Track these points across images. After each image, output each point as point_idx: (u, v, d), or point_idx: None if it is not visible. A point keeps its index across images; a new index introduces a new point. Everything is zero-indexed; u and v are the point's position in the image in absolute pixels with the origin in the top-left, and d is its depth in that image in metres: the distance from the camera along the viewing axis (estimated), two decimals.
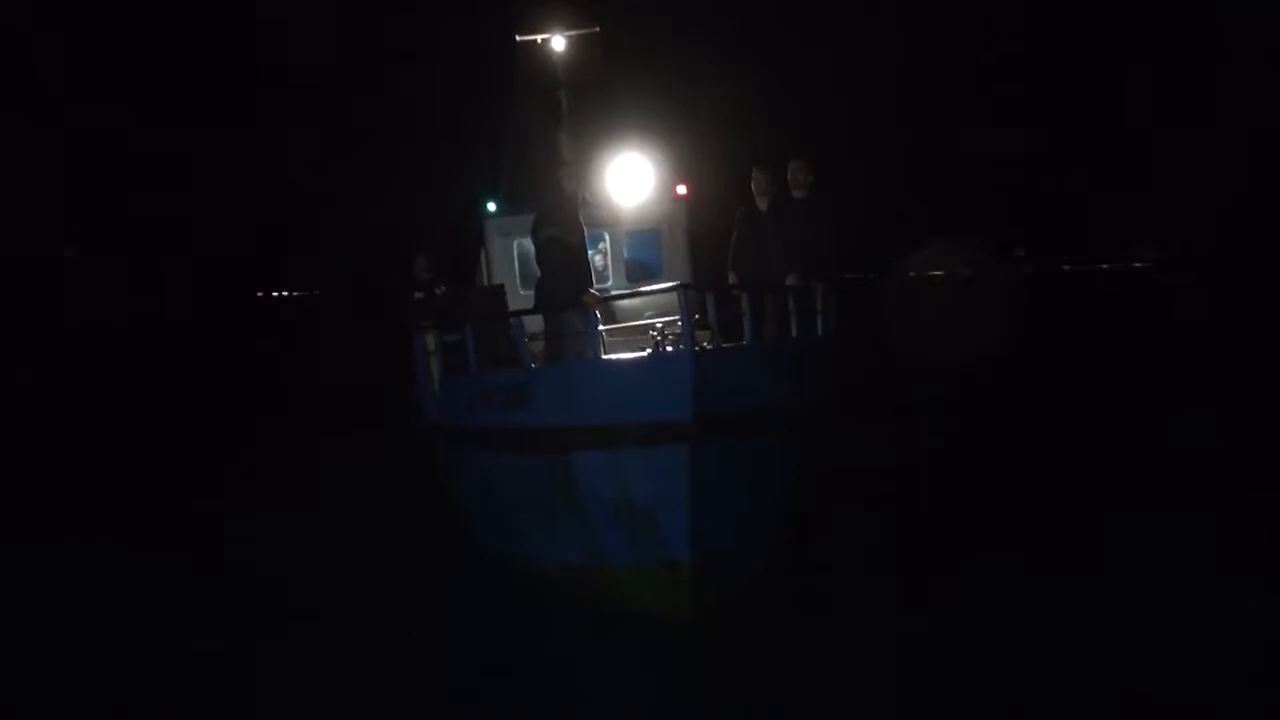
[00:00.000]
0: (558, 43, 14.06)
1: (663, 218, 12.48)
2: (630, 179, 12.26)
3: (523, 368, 7.32)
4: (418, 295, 11.79)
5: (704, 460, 6.72)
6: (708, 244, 13.11)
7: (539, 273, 8.02)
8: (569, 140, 13.54)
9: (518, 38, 14.38)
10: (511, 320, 7.42)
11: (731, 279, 8.40)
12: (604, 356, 6.98)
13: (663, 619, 7.29)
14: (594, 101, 14.73)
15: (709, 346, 7.02)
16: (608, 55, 15.63)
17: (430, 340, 8.79)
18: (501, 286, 8.89)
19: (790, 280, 7.69)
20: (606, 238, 12.53)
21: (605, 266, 12.63)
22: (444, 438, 8.97)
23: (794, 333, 7.58)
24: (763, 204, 8.50)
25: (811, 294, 7.64)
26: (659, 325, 7.21)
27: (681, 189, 12.51)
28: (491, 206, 12.34)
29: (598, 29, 14.25)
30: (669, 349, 6.98)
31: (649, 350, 7.04)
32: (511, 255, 12.37)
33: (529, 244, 12.55)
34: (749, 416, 6.84)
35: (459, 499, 9.24)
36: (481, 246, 13.31)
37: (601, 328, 9.41)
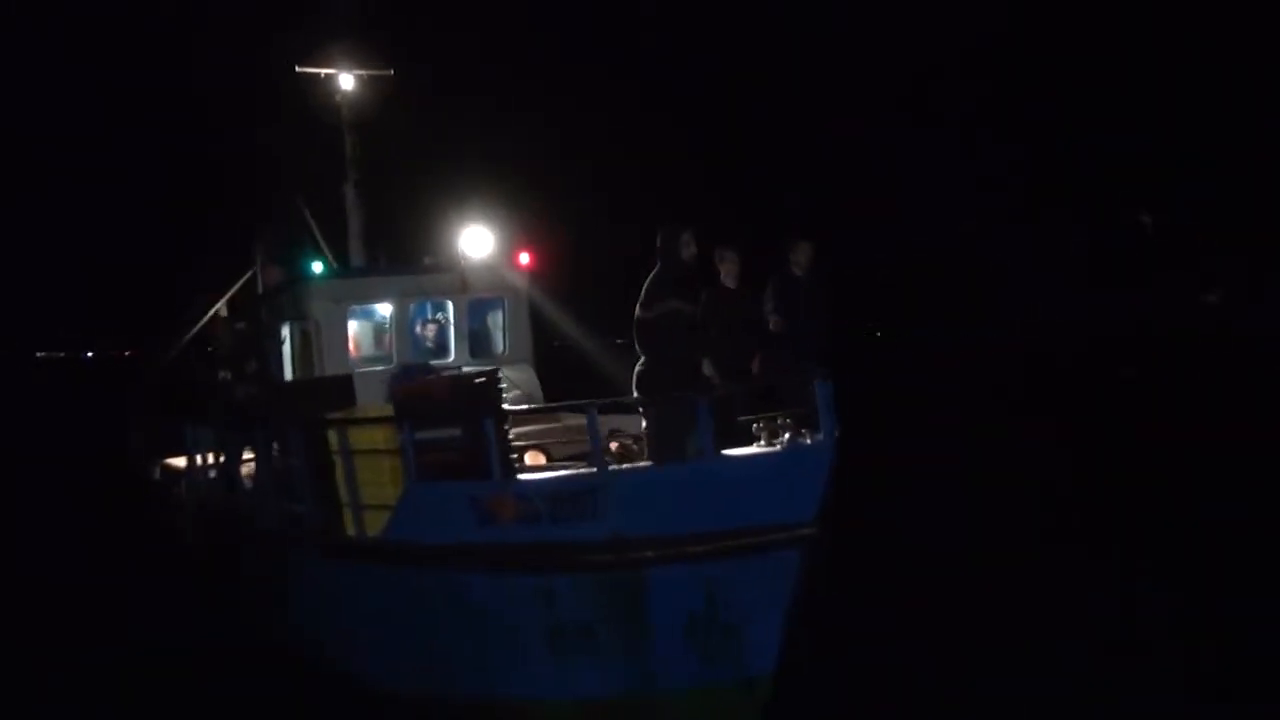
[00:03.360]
0: (345, 80, 12.46)
1: (505, 288, 11.50)
2: (471, 245, 11.15)
3: (595, 470, 6.16)
4: (224, 375, 9.58)
5: (804, 564, 6.20)
6: (552, 319, 12.36)
7: (644, 352, 6.77)
8: (353, 189, 11.97)
9: (298, 69, 12.51)
10: (587, 410, 6.22)
11: (707, 366, 7.80)
12: (719, 453, 6.09)
13: None
14: (389, 152, 13.23)
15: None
16: (407, 104, 14.22)
17: (377, 438, 7.02)
18: (495, 371, 7.39)
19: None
20: (449, 307, 11.21)
21: (446, 339, 11.28)
22: (373, 559, 7.20)
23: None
24: (730, 283, 8.01)
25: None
26: (760, 422, 6.52)
27: (525, 258, 11.65)
28: (317, 267, 10.36)
29: (392, 71, 12.89)
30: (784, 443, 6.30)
31: (774, 444, 6.31)
32: (344, 328, 10.48)
33: (373, 312, 10.90)
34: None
35: (380, 634, 7.45)
36: (284, 319, 11.11)
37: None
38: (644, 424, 6.91)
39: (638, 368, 6.87)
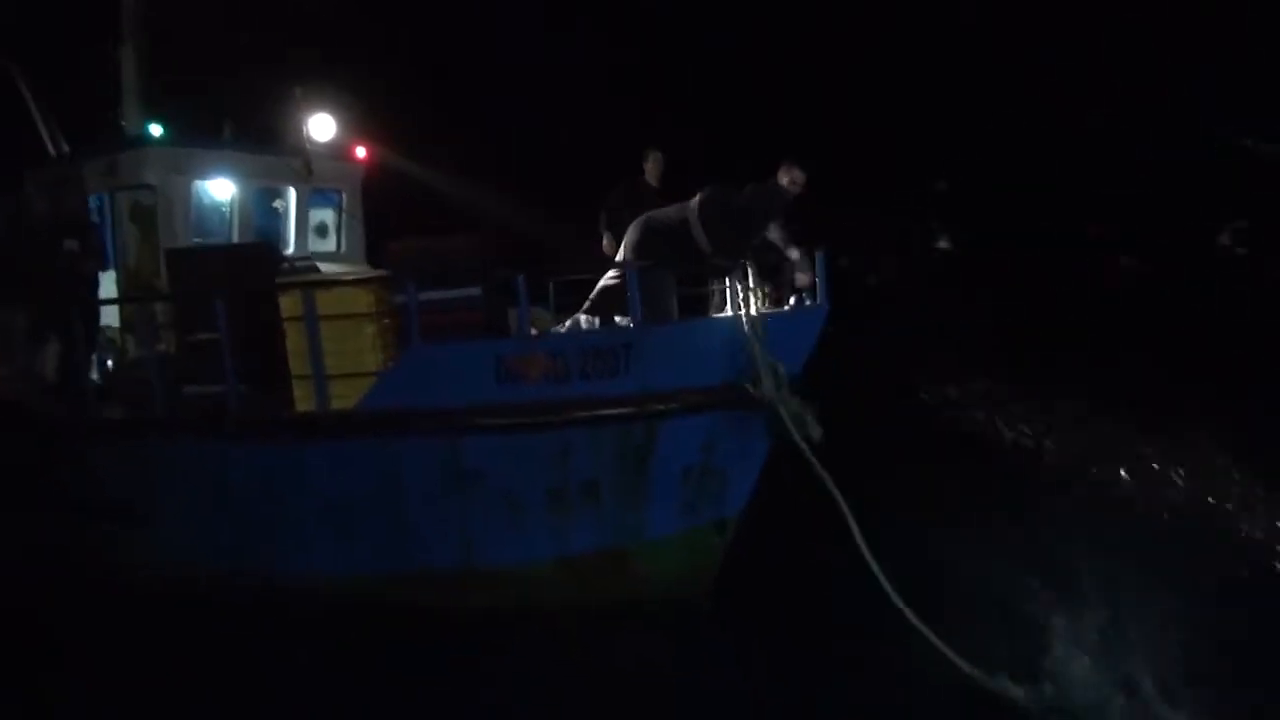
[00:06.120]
0: None
1: (344, 180, 10.83)
2: (317, 131, 10.35)
3: (631, 326, 6.45)
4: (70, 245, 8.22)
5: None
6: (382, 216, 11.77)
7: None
8: (133, 52, 10.45)
9: None
10: (626, 271, 6.40)
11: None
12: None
13: (684, 589, 7.23)
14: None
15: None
16: None
17: (360, 302, 6.60)
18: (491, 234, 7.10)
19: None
20: (291, 195, 10.30)
21: (284, 228, 10.36)
22: (345, 432, 6.80)
23: None
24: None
25: None
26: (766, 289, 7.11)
27: (362, 150, 11.03)
28: (157, 130, 8.98)
29: None
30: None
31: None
32: (188, 200, 9.21)
33: (205, 188, 9.61)
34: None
35: (338, 519, 7.05)
36: (99, 189, 9.43)
37: None
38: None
39: (635, 236, 7.26)
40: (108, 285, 9.18)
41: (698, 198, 7.24)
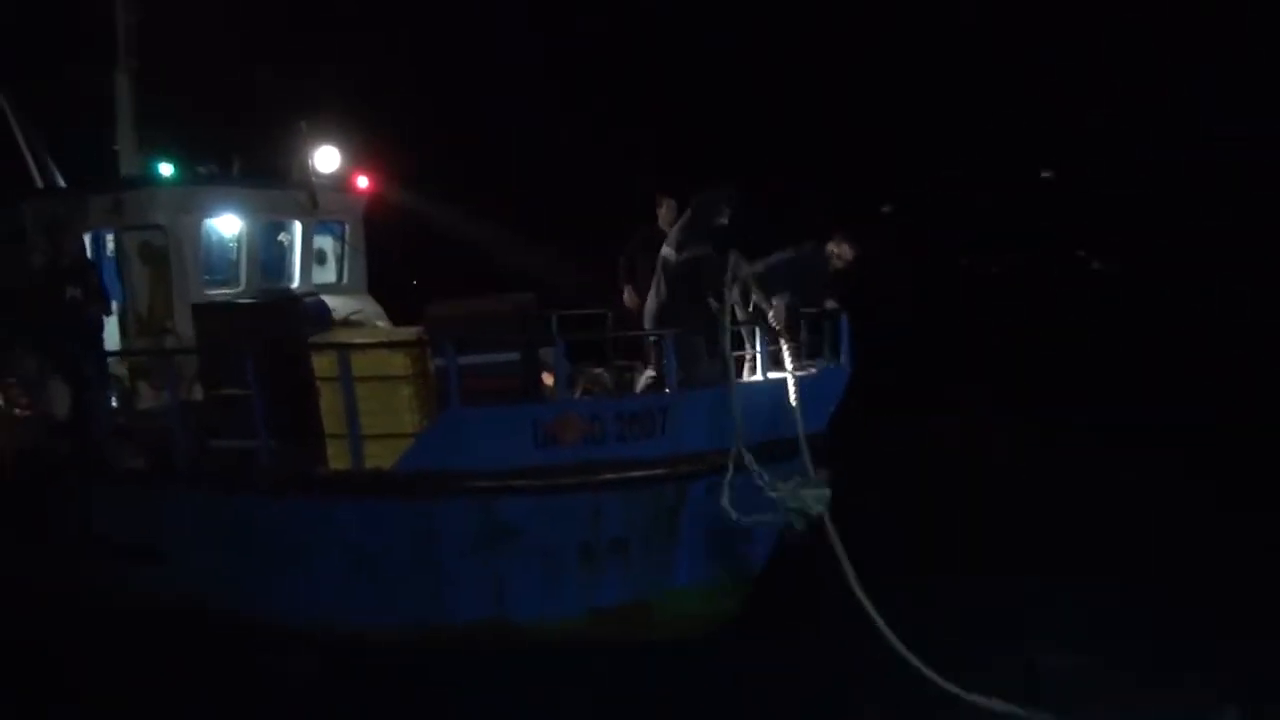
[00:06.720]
0: None
1: (346, 209, 10.78)
2: (322, 163, 10.29)
3: (668, 390, 6.61)
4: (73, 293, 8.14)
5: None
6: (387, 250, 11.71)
7: (667, 292, 7.11)
8: (127, 79, 10.28)
9: None
10: (664, 338, 6.54)
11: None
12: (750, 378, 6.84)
13: (703, 630, 7.44)
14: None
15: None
16: None
17: (396, 364, 6.66)
18: (533, 297, 7.12)
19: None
20: (296, 228, 10.22)
21: (288, 262, 10.29)
22: (379, 492, 6.89)
23: None
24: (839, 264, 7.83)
25: None
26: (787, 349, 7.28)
27: (364, 181, 10.97)
28: (167, 169, 8.85)
29: None
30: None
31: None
32: (197, 241, 9.11)
33: (216, 230, 9.50)
34: None
35: (367, 574, 7.14)
36: (99, 226, 9.26)
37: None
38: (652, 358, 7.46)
39: (655, 304, 7.40)
40: (111, 325, 9.08)
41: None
